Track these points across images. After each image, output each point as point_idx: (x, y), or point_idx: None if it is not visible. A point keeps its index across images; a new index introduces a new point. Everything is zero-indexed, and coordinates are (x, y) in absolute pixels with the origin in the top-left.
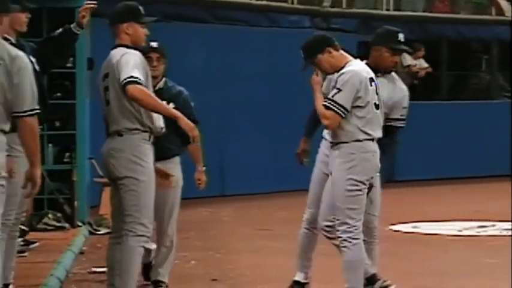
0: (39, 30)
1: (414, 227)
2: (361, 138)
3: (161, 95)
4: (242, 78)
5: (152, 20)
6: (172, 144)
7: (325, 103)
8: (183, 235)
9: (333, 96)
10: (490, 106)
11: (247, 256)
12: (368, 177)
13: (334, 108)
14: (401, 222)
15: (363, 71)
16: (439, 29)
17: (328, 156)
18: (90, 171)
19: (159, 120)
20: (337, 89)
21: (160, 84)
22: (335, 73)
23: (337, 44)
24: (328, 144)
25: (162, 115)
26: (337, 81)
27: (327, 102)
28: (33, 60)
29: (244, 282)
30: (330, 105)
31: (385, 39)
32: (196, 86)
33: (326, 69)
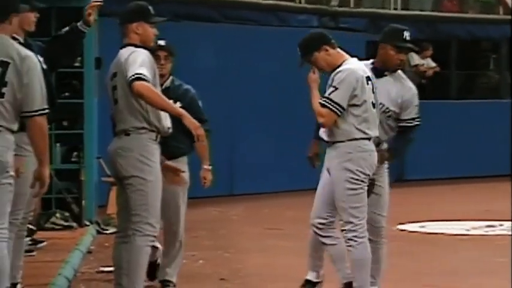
0: (48, 29)
1: (422, 226)
2: (358, 137)
3: (168, 93)
4: (252, 77)
5: (162, 20)
6: (181, 143)
7: (321, 101)
8: (192, 234)
9: (329, 94)
10: (499, 105)
11: (256, 255)
12: (366, 174)
13: (330, 106)
14: (409, 222)
15: (359, 69)
16: (448, 28)
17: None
18: (98, 170)
19: (166, 120)
20: (334, 87)
21: (167, 82)
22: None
23: (334, 42)
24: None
25: (167, 113)
26: (333, 80)
27: (323, 100)
28: (41, 59)
29: (253, 281)
30: (325, 103)
31: (390, 37)
32: (206, 85)
33: (323, 67)
